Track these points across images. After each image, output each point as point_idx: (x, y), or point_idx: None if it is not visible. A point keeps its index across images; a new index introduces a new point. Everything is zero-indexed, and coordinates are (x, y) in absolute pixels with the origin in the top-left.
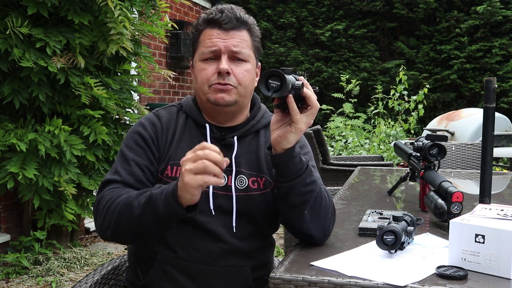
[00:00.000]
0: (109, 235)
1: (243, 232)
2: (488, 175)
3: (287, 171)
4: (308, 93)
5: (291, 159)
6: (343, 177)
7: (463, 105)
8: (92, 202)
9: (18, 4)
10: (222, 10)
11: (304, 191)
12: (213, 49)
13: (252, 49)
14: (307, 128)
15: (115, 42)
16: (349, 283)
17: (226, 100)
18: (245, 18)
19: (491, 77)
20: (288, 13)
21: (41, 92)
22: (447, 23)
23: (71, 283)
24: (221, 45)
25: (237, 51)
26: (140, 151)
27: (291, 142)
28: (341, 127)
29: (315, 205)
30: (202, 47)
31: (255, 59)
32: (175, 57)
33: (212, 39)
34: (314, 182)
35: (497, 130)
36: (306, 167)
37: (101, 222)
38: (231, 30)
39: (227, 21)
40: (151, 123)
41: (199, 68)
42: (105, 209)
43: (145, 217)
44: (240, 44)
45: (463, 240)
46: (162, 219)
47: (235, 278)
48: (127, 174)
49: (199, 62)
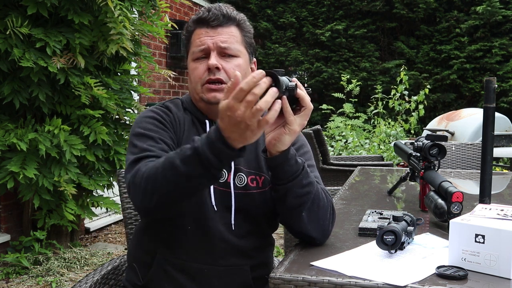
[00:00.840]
0: (154, 205)
1: (242, 230)
2: (488, 175)
3: (283, 173)
4: (301, 94)
5: (287, 161)
6: (343, 177)
7: (463, 105)
8: (92, 202)
9: (18, 4)
10: (209, 9)
11: (300, 193)
12: (202, 48)
13: (242, 44)
14: (301, 129)
15: (115, 42)
16: (349, 283)
17: (218, 98)
18: (233, 15)
19: (491, 77)
20: (288, 13)
21: (41, 92)
22: (447, 23)
23: (71, 283)
24: (209, 43)
25: (226, 47)
26: (162, 132)
27: (286, 144)
28: (341, 127)
29: (313, 206)
30: (193, 47)
31: (248, 54)
32: (175, 57)
33: (200, 38)
34: (311, 183)
35: (497, 130)
36: (302, 169)
37: (142, 194)
38: (218, 27)
39: (213, 18)
40: (164, 112)
41: (192, 68)
42: (144, 179)
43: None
44: (229, 39)
45: (463, 240)
46: (214, 168)
47: (235, 278)
48: (158, 150)
49: (192, 63)
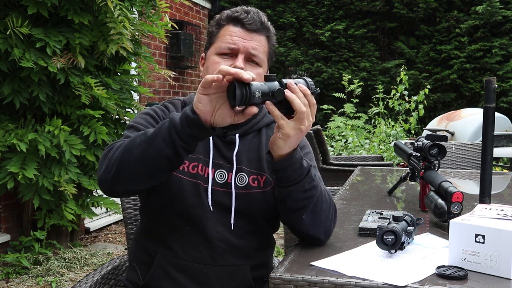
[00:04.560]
0: (112, 175)
1: (242, 230)
2: (488, 175)
3: (285, 177)
4: (290, 97)
5: (290, 166)
6: (343, 177)
7: (463, 105)
8: (92, 202)
9: (18, 4)
10: (248, 11)
11: (302, 197)
12: (232, 46)
13: (267, 56)
14: (297, 133)
15: (115, 42)
16: (349, 283)
17: None
18: (268, 25)
19: (491, 77)
20: (288, 13)
21: (41, 92)
22: (447, 23)
23: (71, 283)
24: (240, 44)
25: (255, 54)
26: (151, 127)
27: (282, 148)
28: (341, 127)
29: (316, 208)
30: (220, 41)
31: (267, 66)
32: (175, 57)
33: (233, 36)
34: (314, 187)
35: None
36: (307, 173)
37: (105, 164)
38: (253, 32)
39: (251, 22)
40: (161, 110)
41: (213, 61)
42: (113, 149)
43: (159, 132)
44: (259, 47)
45: (463, 240)
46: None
47: (235, 278)
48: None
49: (214, 56)
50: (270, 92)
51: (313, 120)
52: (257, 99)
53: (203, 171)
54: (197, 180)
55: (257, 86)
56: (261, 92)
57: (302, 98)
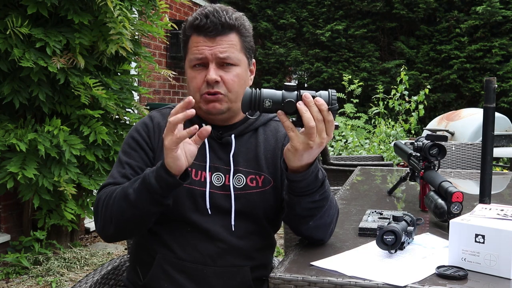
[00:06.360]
0: (111, 232)
1: (242, 231)
2: (488, 175)
3: (298, 188)
4: (301, 110)
5: (304, 179)
6: (343, 177)
7: (463, 105)
8: (92, 202)
9: (18, 4)
10: (207, 15)
11: (312, 206)
12: (199, 57)
13: (242, 51)
14: (307, 148)
15: (115, 42)
16: (349, 283)
17: (218, 109)
18: (231, 21)
19: (491, 77)
20: (288, 13)
21: (41, 92)
22: (447, 23)
23: (71, 283)
24: (207, 53)
25: (225, 57)
26: (133, 154)
27: (292, 161)
28: (341, 127)
29: (323, 215)
30: (190, 54)
31: (247, 59)
32: (175, 57)
33: (198, 46)
34: (325, 198)
35: (497, 130)
36: (320, 185)
37: (102, 222)
38: (217, 36)
39: (212, 28)
40: (144, 125)
41: (190, 77)
42: (103, 207)
43: (142, 197)
44: (228, 49)
45: (463, 240)
46: (157, 194)
47: (235, 278)
48: (120, 176)
49: (189, 70)
50: (282, 102)
51: (330, 137)
52: (267, 108)
53: (199, 175)
54: (192, 186)
55: (269, 95)
56: (271, 102)
57: (315, 112)
